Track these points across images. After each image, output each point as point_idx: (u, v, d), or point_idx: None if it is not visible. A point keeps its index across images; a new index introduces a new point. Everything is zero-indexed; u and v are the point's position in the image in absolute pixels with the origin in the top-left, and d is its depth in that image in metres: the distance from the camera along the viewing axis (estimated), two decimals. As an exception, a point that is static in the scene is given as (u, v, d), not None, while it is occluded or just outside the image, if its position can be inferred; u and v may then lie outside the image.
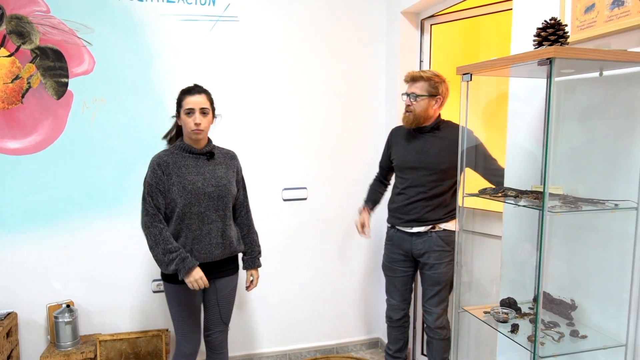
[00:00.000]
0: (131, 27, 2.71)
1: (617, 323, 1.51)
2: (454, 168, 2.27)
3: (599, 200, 1.47)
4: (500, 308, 1.67)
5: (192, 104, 2.10)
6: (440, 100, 2.38)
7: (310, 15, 3.00)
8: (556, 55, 1.24)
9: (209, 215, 2.12)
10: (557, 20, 1.35)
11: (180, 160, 2.14)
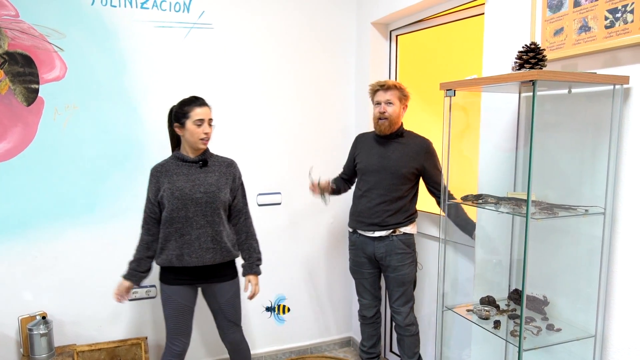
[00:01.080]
0: (104, 32, 2.68)
1: (586, 316, 1.68)
2: (413, 174, 2.47)
3: (571, 206, 1.63)
4: (481, 306, 1.81)
5: (202, 114, 2.20)
6: (406, 107, 2.58)
7: (284, 24, 3.06)
8: (539, 78, 1.38)
9: (198, 221, 2.20)
10: (537, 45, 1.49)
11: (174, 168, 2.25)
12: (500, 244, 2.06)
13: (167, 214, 2.19)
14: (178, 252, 2.19)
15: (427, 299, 2.87)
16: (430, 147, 2.53)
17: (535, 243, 1.87)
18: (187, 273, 2.25)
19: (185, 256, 2.19)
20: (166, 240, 2.22)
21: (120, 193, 2.77)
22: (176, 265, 2.22)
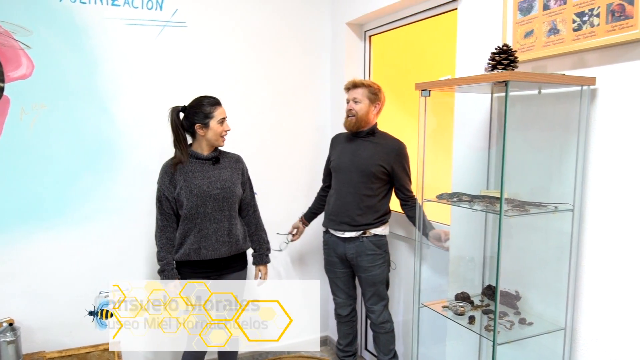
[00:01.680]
0: (74, 30, 2.61)
1: (556, 310, 1.73)
2: (384, 174, 2.50)
3: (541, 203, 1.68)
4: (456, 302, 1.85)
5: (224, 113, 2.36)
6: (379, 107, 2.59)
7: (259, 23, 3.05)
8: (511, 79, 1.42)
9: (215, 216, 2.31)
10: (509, 47, 1.54)
11: (188, 165, 2.33)
12: (473, 241, 2.11)
13: (187, 210, 2.29)
14: (196, 246, 2.30)
15: (402, 297, 2.91)
16: (403, 149, 2.56)
17: (507, 239, 1.92)
18: (203, 266, 2.34)
19: (202, 249, 2.30)
20: (185, 235, 2.31)
21: (91, 195, 2.71)
22: (193, 259, 2.32)
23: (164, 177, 2.33)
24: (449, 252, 2.25)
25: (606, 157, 1.58)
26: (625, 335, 1.54)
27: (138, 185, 2.79)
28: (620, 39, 1.50)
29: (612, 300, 1.58)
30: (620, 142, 1.54)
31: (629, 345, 1.53)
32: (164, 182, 2.33)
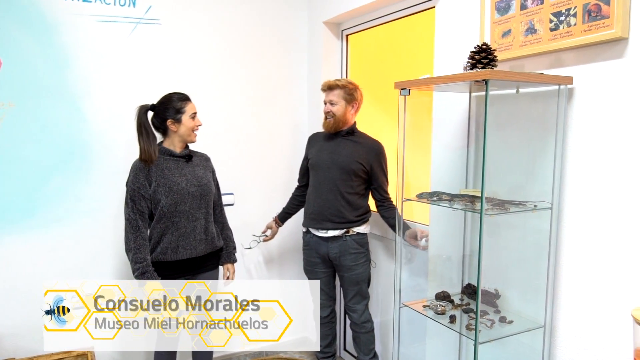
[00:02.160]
0: (43, 25, 2.52)
1: (535, 307, 1.74)
2: (363, 172, 2.50)
3: (520, 202, 1.69)
4: (437, 301, 1.84)
5: (194, 108, 2.33)
6: (356, 106, 2.58)
7: (234, 22, 3.01)
8: (491, 77, 1.42)
9: (193, 214, 2.28)
10: (488, 46, 1.54)
11: (162, 162, 2.28)
12: (452, 240, 2.11)
13: (165, 209, 2.23)
14: (174, 245, 2.25)
15: (380, 297, 2.90)
16: (381, 150, 2.56)
17: (487, 238, 1.92)
18: (178, 266, 2.29)
19: (180, 249, 2.26)
20: (162, 234, 2.25)
21: (63, 196, 2.62)
22: (170, 260, 2.26)
23: (138, 175, 2.24)
24: (427, 251, 2.25)
25: (583, 156, 1.60)
26: (603, 331, 1.56)
27: (111, 187, 2.72)
28: (597, 39, 1.51)
29: (590, 297, 1.60)
30: (597, 140, 1.56)
31: (607, 341, 1.55)
32: (138, 180, 2.23)
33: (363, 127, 2.68)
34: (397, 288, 1.91)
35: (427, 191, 1.91)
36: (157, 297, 2.15)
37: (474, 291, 1.91)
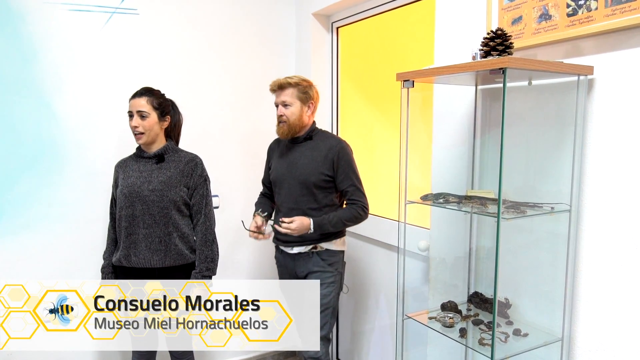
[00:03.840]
0: (8, 14, 2.31)
1: (551, 318, 1.60)
2: (326, 182, 2.19)
3: (536, 204, 1.55)
4: (444, 312, 1.69)
5: (131, 106, 2.12)
6: (313, 106, 2.26)
7: (217, 12, 2.82)
8: (510, 65, 1.27)
9: (145, 220, 2.10)
10: (504, 31, 1.39)
11: (132, 164, 2.19)
12: (456, 244, 1.97)
13: (117, 211, 2.15)
14: (126, 252, 2.11)
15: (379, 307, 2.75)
16: (343, 149, 2.21)
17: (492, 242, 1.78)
18: (137, 275, 2.12)
19: (132, 256, 2.11)
20: (118, 238, 2.17)
21: (32, 200, 2.41)
22: (125, 265, 2.13)
23: (114, 175, 2.24)
24: (428, 258, 2.10)
25: (605, 153, 1.46)
26: (628, 343, 1.43)
27: (84, 189, 2.52)
28: (621, 24, 1.37)
29: (613, 306, 1.46)
30: (620, 136, 1.42)
31: (632, 354, 1.42)
32: (113, 179, 2.24)
33: (353, 124, 2.51)
34: (400, 299, 1.76)
35: (428, 192, 1.76)
36: (157, 297, 2.04)
37: (481, 300, 1.77)
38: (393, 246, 2.59)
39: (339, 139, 2.28)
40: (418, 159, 2.27)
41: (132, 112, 2.10)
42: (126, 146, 2.35)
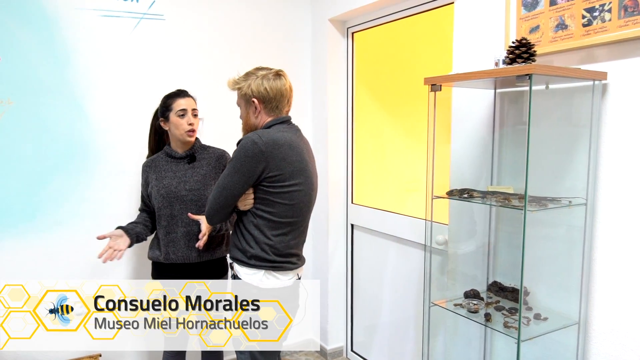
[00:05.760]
0: (43, 20, 2.42)
1: (567, 304, 1.74)
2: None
3: (554, 198, 1.68)
4: (468, 299, 1.82)
5: (185, 105, 2.18)
6: (258, 103, 1.87)
7: (238, 17, 2.94)
8: (536, 72, 1.40)
9: (183, 219, 2.16)
10: (528, 41, 1.52)
11: (163, 164, 2.24)
12: (473, 236, 2.10)
13: (156, 211, 2.21)
14: (165, 249, 2.19)
15: (391, 301, 2.88)
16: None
17: (513, 234, 1.92)
18: (174, 270, 2.22)
19: (171, 254, 2.19)
20: (156, 237, 2.25)
21: (64, 198, 2.52)
22: (163, 262, 2.21)
23: (142, 175, 2.31)
24: (444, 251, 2.23)
25: (618, 151, 1.60)
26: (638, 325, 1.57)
27: (114, 188, 2.62)
28: (634, 34, 1.51)
29: (626, 292, 1.60)
30: (632, 136, 1.56)
31: (643, 336, 1.56)
32: (142, 180, 2.31)
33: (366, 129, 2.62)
34: (427, 287, 1.88)
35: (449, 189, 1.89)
36: (157, 297, 2.08)
37: (500, 288, 1.90)
38: (403, 239, 2.73)
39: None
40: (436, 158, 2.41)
41: (186, 110, 2.17)
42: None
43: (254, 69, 1.95)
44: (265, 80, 1.86)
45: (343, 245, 3.19)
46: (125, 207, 2.64)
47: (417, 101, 3.27)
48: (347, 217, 3.17)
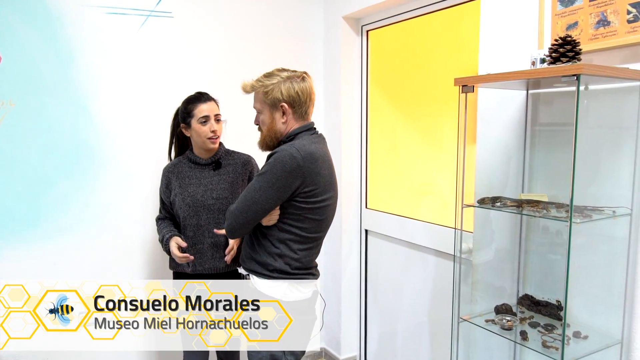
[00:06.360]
0: (46, 17, 2.31)
1: (607, 320, 1.62)
2: None
3: (596, 207, 1.57)
4: (501, 315, 1.71)
5: (207, 111, 2.07)
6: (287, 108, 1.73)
7: (248, 14, 2.83)
8: (585, 72, 1.29)
9: (210, 229, 2.06)
10: (573, 38, 1.41)
11: (187, 171, 2.12)
12: (502, 245, 1.98)
13: (181, 221, 2.11)
14: (192, 262, 2.08)
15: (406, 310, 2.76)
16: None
17: (544, 243, 1.80)
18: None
19: (197, 266, 2.10)
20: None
21: (68, 203, 2.41)
22: (188, 272, 2.11)
23: (162, 181, 2.18)
24: (473, 259, 2.11)
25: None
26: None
27: (120, 192, 2.51)
28: (687, 31, 1.40)
29: (675, 309, 1.48)
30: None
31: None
32: (162, 186, 2.19)
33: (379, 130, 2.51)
34: (456, 302, 1.77)
35: (485, 196, 1.77)
36: (157, 297, 2.01)
37: (533, 302, 1.79)
38: (418, 245, 2.61)
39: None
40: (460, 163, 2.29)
41: (208, 116, 2.06)
42: (161, 149, 2.34)
43: (275, 70, 1.79)
44: (295, 83, 1.72)
45: (357, 251, 3.08)
46: (132, 212, 2.53)
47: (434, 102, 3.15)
48: (361, 222, 3.05)
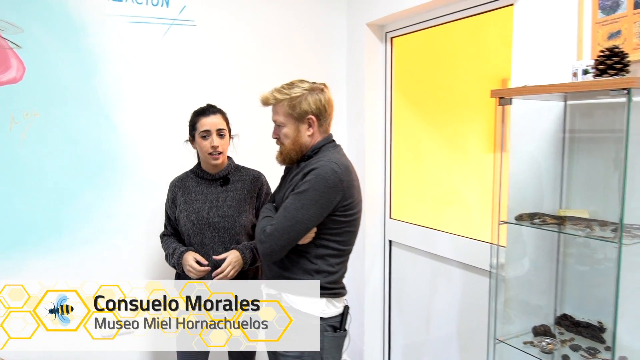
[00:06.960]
0: (70, 27, 2.30)
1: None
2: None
3: (642, 226, 1.49)
4: (540, 337, 1.64)
5: (208, 125, 1.97)
6: (315, 120, 1.70)
7: (270, 23, 2.79)
8: (635, 86, 1.22)
9: (215, 248, 1.97)
10: (621, 49, 1.34)
11: (193, 186, 2.05)
12: (537, 261, 1.91)
13: (185, 238, 2.03)
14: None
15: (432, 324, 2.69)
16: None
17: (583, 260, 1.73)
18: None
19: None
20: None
21: (92, 214, 2.39)
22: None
23: (168, 195, 2.12)
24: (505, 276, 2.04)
25: None
26: None
27: (143, 203, 2.49)
28: None
29: None
30: None
31: None
32: (167, 201, 2.12)
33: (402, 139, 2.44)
34: (492, 322, 1.70)
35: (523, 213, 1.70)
36: (157, 297, 1.98)
37: (572, 323, 1.71)
38: (444, 257, 2.54)
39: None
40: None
41: (209, 131, 1.96)
42: (185, 159, 2.30)
43: (296, 80, 1.77)
44: (321, 95, 1.71)
45: (380, 262, 3.01)
46: (154, 222, 2.49)
47: (458, 110, 3.09)
48: (385, 232, 2.99)
